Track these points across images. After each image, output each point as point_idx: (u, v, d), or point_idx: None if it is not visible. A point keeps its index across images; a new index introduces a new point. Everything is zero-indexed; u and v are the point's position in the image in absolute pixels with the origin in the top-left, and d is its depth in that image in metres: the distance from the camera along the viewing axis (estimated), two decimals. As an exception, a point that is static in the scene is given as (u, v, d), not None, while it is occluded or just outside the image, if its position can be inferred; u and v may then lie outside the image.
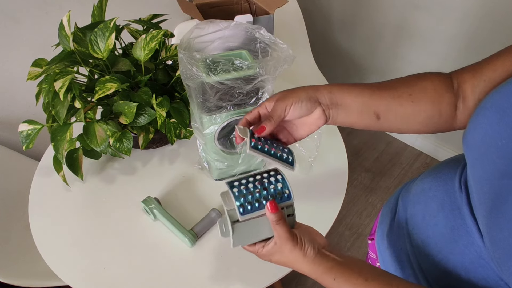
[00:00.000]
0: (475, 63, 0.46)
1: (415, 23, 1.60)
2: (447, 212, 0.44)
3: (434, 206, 0.47)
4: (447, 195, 0.45)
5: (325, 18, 1.95)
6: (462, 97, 0.47)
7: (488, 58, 0.44)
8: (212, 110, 0.67)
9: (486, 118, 0.37)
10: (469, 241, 0.40)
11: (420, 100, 0.47)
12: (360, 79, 2.02)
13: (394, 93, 0.48)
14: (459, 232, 0.42)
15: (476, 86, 0.45)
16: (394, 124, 0.49)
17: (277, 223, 0.44)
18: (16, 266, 0.97)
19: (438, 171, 0.51)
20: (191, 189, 0.83)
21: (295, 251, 0.44)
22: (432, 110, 0.47)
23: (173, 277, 0.67)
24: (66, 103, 0.70)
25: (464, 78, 0.47)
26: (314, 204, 0.79)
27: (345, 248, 1.56)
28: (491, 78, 0.43)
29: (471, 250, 0.40)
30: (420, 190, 0.52)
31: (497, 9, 1.34)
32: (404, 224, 0.53)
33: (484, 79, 0.43)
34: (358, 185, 1.80)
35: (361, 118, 0.49)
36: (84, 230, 0.75)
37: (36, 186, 0.84)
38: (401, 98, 0.47)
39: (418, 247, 0.48)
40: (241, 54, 0.68)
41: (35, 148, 0.87)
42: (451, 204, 0.44)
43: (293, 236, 0.44)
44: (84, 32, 0.75)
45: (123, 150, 0.76)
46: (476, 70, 0.45)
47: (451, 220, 0.43)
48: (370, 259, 0.71)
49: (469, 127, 0.40)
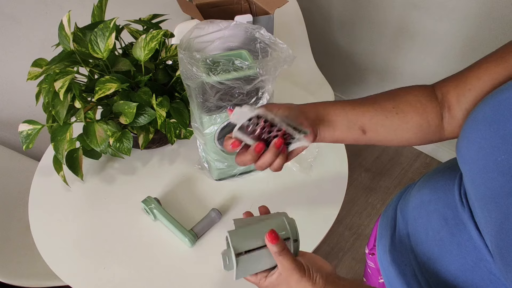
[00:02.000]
0: (458, 72, 0.46)
1: (415, 23, 1.60)
2: (452, 228, 0.42)
3: (437, 221, 0.45)
4: (449, 208, 0.44)
5: (325, 18, 1.95)
6: (448, 107, 0.46)
7: (471, 67, 0.44)
8: (212, 110, 0.67)
9: (479, 132, 0.36)
10: (477, 257, 0.39)
11: (404, 111, 0.47)
12: (360, 79, 2.02)
13: (376, 107, 0.48)
14: (467, 248, 0.40)
15: (461, 95, 0.44)
16: (383, 136, 0.49)
17: (280, 254, 0.41)
18: (16, 266, 0.97)
19: (435, 182, 0.49)
20: (191, 189, 0.83)
21: (303, 281, 0.41)
22: (419, 119, 0.47)
23: (173, 277, 0.68)
24: (66, 103, 0.70)
25: (447, 89, 0.46)
26: (314, 204, 0.79)
27: (345, 249, 1.56)
28: (476, 86, 0.42)
29: (481, 266, 0.38)
30: (419, 203, 0.50)
31: (497, 8, 1.34)
32: (406, 239, 0.51)
33: (469, 88, 0.43)
34: (358, 185, 1.80)
35: (347, 133, 0.49)
36: (84, 230, 0.75)
37: (36, 186, 0.84)
38: (385, 111, 0.48)
39: (425, 264, 0.46)
40: (241, 54, 0.68)
41: (35, 148, 0.87)
42: (454, 219, 0.42)
43: (300, 266, 0.41)
44: (84, 32, 0.75)
45: (123, 150, 0.76)
46: (459, 80, 0.45)
47: (456, 236, 0.42)
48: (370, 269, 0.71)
49: (462, 141, 0.39)
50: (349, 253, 1.55)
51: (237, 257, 0.43)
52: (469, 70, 0.44)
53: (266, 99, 0.67)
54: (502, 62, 0.40)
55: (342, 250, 1.56)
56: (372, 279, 0.70)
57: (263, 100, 0.68)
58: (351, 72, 2.04)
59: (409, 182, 1.81)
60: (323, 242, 0.74)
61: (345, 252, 1.55)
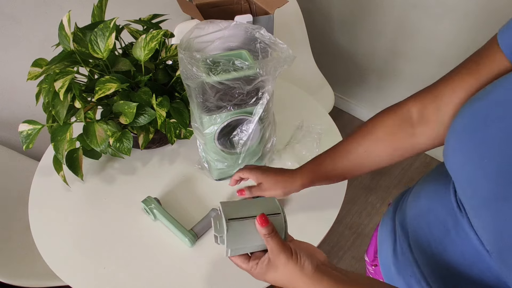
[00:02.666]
0: (431, 85, 0.47)
1: (415, 23, 1.60)
2: (454, 237, 0.42)
3: (438, 230, 0.45)
4: (449, 216, 0.43)
5: (325, 18, 1.95)
6: (425, 122, 0.48)
7: (445, 80, 0.45)
8: (212, 110, 0.67)
9: (461, 142, 0.37)
10: (484, 266, 0.38)
11: (374, 151, 0.54)
12: (360, 79, 2.02)
13: (350, 157, 0.57)
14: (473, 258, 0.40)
15: (439, 109, 0.45)
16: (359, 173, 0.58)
17: (269, 235, 0.42)
18: (16, 266, 0.97)
19: (430, 190, 0.49)
20: (191, 189, 0.83)
21: (290, 264, 0.41)
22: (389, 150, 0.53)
23: (173, 277, 0.68)
24: (66, 103, 0.70)
25: (424, 104, 0.48)
26: (314, 204, 0.79)
27: (345, 248, 1.56)
28: (452, 99, 0.43)
29: (488, 275, 0.38)
30: (418, 213, 0.50)
31: (498, 8, 1.34)
32: (407, 251, 0.51)
33: (446, 102, 0.44)
34: (358, 185, 1.80)
35: (330, 183, 0.61)
36: (84, 230, 0.75)
37: (36, 186, 0.84)
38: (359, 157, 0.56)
39: (430, 275, 0.46)
40: (241, 54, 0.68)
41: (35, 148, 0.87)
42: (455, 227, 0.42)
43: (286, 248, 0.42)
44: (84, 32, 0.75)
45: (123, 150, 0.76)
46: (435, 94, 0.46)
47: (459, 245, 0.41)
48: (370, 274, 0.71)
49: (447, 151, 0.40)
50: (349, 252, 1.55)
51: (227, 222, 0.44)
52: (442, 83, 0.45)
53: (266, 99, 0.67)
54: (473, 73, 0.41)
55: (343, 249, 1.56)
56: None
57: (263, 100, 0.68)
58: (351, 72, 2.04)
59: (409, 181, 1.81)
60: (323, 241, 0.74)
61: (345, 251, 1.55)
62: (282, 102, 1.04)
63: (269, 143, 0.80)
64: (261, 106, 0.68)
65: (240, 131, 0.72)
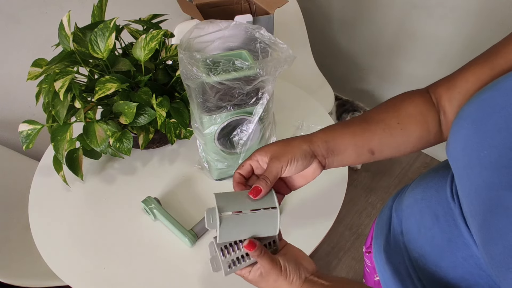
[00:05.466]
0: (449, 75, 0.47)
1: (415, 22, 1.60)
2: (443, 224, 0.43)
3: (429, 217, 0.46)
4: (440, 205, 0.44)
5: (325, 18, 1.95)
6: (443, 112, 0.48)
7: (460, 70, 0.45)
8: (212, 110, 0.67)
9: (464, 129, 0.38)
10: (467, 254, 0.40)
11: (407, 126, 0.48)
12: (360, 79, 2.02)
13: (383, 126, 0.48)
14: (457, 244, 0.41)
15: (452, 99, 0.46)
16: (387, 154, 0.50)
17: (258, 256, 0.45)
18: (16, 266, 0.97)
19: (428, 180, 0.50)
20: (191, 189, 0.83)
21: (279, 280, 0.44)
22: (421, 131, 0.48)
23: (173, 277, 0.68)
24: (66, 103, 0.70)
25: (439, 93, 0.48)
26: (314, 204, 0.79)
27: (345, 248, 1.56)
28: (465, 89, 0.43)
29: (470, 262, 0.39)
30: (412, 201, 0.51)
31: (497, 8, 1.34)
32: (400, 237, 0.52)
33: (459, 91, 0.44)
34: (358, 185, 1.80)
35: (357, 158, 0.50)
36: (84, 230, 0.75)
37: (36, 186, 0.84)
38: (391, 129, 0.48)
39: (417, 260, 0.47)
40: (241, 54, 0.68)
41: (35, 148, 0.87)
42: (445, 215, 0.43)
43: (276, 265, 0.45)
44: (84, 32, 0.75)
45: (123, 150, 0.76)
46: (450, 83, 0.46)
47: (447, 232, 0.42)
48: (368, 267, 0.71)
49: (450, 139, 0.41)
50: (349, 253, 1.55)
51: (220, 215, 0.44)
52: (458, 73, 0.45)
53: (266, 99, 0.67)
54: (487, 63, 0.42)
55: (342, 250, 1.56)
56: (369, 277, 0.70)
57: (263, 100, 0.68)
58: (351, 72, 2.04)
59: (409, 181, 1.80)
60: (323, 241, 0.74)
61: (345, 252, 1.55)
62: (282, 102, 1.04)
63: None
64: (261, 106, 0.68)
65: (240, 131, 0.72)
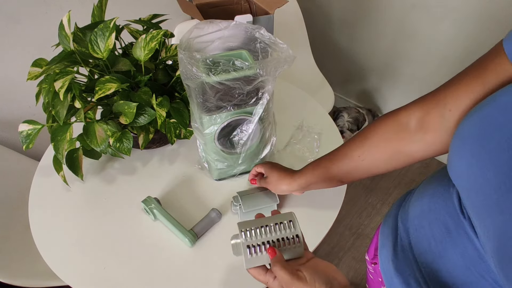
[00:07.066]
0: (434, 91, 0.46)
1: (415, 23, 1.60)
2: (455, 238, 0.42)
3: (439, 230, 0.45)
4: (450, 217, 0.43)
5: (325, 18, 1.95)
6: (425, 129, 0.47)
7: (448, 85, 0.44)
8: (212, 110, 0.67)
9: (467, 148, 0.36)
10: (484, 269, 0.38)
11: (369, 157, 0.55)
12: (360, 79, 2.02)
13: (347, 160, 0.58)
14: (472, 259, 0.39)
15: (441, 116, 0.44)
16: (358, 177, 0.60)
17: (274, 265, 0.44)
18: (16, 266, 0.97)
19: (434, 189, 0.49)
20: (191, 189, 0.83)
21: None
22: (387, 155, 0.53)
23: (173, 277, 0.68)
24: (66, 103, 0.70)
25: (426, 111, 0.47)
26: (314, 204, 0.79)
27: (345, 248, 1.56)
28: (456, 106, 0.42)
29: (487, 277, 0.38)
30: (420, 212, 0.50)
31: (497, 9, 1.34)
32: (408, 249, 0.51)
33: (450, 109, 0.43)
34: (358, 185, 1.80)
35: (328, 186, 0.64)
36: (84, 230, 0.75)
37: (36, 186, 0.84)
38: (353, 162, 0.57)
39: (429, 275, 0.46)
40: (241, 54, 0.68)
41: (35, 148, 0.87)
42: (456, 229, 0.42)
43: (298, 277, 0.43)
44: (84, 32, 0.75)
45: (123, 150, 0.76)
46: (439, 99, 0.45)
47: (460, 246, 0.41)
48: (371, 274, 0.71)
49: (452, 157, 0.39)
50: (349, 253, 1.55)
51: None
52: (446, 89, 0.44)
53: (266, 99, 0.67)
54: (478, 79, 0.40)
55: (343, 250, 1.56)
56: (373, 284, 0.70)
57: (263, 100, 0.68)
58: (351, 72, 2.04)
59: (409, 182, 1.81)
60: (323, 242, 0.74)
61: (346, 252, 1.55)
62: (282, 102, 1.04)
63: (269, 143, 0.80)
64: (261, 106, 0.68)
65: (240, 131, 0.72)
